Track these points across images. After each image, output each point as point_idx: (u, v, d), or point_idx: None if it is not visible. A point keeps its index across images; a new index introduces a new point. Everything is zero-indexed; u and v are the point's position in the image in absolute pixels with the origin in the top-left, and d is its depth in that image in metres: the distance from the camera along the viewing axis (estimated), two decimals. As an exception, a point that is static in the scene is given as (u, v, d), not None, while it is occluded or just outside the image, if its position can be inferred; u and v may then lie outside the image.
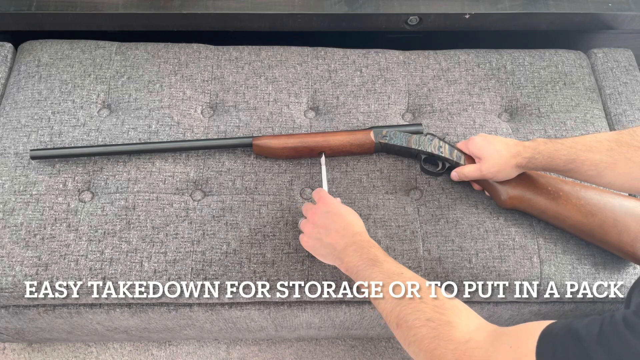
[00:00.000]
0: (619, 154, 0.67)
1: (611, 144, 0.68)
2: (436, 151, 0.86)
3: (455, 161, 0.85)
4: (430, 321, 0.55)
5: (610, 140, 0.69)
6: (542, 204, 0.81)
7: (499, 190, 0.83)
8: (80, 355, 1.21)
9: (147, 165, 0.88)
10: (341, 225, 0.71)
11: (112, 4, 1.00)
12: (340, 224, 0.71)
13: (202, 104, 0.96)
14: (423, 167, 0.88)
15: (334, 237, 0.71)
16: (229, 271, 0.81)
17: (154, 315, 0.89)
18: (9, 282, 0.79)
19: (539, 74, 1.03)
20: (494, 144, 0.79)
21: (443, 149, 0.86)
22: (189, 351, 1.22)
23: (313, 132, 0.93)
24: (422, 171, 0.89)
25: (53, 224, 0.82)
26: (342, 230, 0.71)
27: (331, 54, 1.02)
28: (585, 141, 0.71)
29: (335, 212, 0.73)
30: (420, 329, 0.55)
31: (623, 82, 1.04)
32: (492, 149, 0.79)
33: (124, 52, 1.00)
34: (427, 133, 0.88)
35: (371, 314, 0.95)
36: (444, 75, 1.02)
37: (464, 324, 0.54)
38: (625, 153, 0.67)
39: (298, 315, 0.94)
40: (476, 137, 0.82)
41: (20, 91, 0.94)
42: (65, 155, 0.86)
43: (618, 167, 0.68)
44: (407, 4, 1.04)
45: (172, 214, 0.84)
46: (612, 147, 0.68)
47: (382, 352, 1.25)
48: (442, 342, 0.53)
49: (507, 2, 1.05)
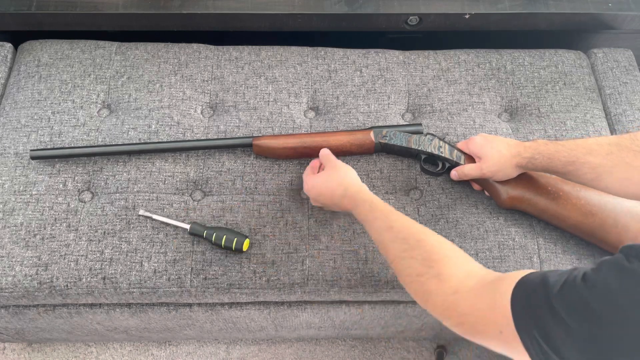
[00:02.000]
0: (618, 158, 0.67)
1: (611, 147, 0.68)
2: (436, 151, 0.86)
3: (455, 161, 0.85)
4: (420, 276, 0.60)
5: (610, 144, 0.69)
6: (542, 203, 0.81)
7: (499, 190, 0.83)
8: (80, 355, 1.21)
9: (147, 165, 0.88)
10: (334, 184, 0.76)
11: (112, 4, 1.00)
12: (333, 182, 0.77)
13: (202, 104, 0.96)
14: (423, 167, 0.88)
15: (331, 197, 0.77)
16: (229, 271, 0.81)
17: (154, 315, 0.90)
18: (9, 282, 0.79)
19: (539, 74, 1.03)
20: (495, 144, 0.79)
21: (443, 149, 0.86)
22: (189, 351, 1.23)
23: (313, 132, 0.93)
24: (422, 171, 0.89)
25: (53, 224, 0.82)
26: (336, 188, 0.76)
27: (331, 54, 1.02)
28: (586, 144, 0.71)
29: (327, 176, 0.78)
30: (412, 285, 0.62)
31: (623, 82, 1.04)
32: (493, 149, 0.79)
33: (124, 52, 1.00)
34: (427, 133, 0.88)
35: (371, 314, 0.95)
36: (444, 75, 1.02)
37: (452, 274, 0.58)
38: (624, 157, 0.66)
39: (298, 315, 0.94)
40: (476, 137, 0.83)
41: (20, 91, 0.94)
42: (65, 156, 0.86)
43: (616, 172, 0.67)
44: (407, 4, 1.04)
45: (172, 214, 0.84)
46: (612, 150, 0.68)
47: (382, 352, 1.25)
48: (432, 296, 0.59)
49: (507, 2, 1.05)
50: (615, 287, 0.40)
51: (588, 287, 0.41)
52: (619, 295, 0.39)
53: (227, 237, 0.79)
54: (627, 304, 0.38)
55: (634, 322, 0.38)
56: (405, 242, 0.65)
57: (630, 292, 0.39)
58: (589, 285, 0.41)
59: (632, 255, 0.41)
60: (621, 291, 0.39)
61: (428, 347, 1.26)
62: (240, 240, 0.80)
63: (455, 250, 0.63)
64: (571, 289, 0.43)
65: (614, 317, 0.39)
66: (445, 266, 0.59)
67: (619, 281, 0.40)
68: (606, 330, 0.39)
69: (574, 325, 0.41)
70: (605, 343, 0.39)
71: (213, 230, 0.80)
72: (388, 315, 0.96)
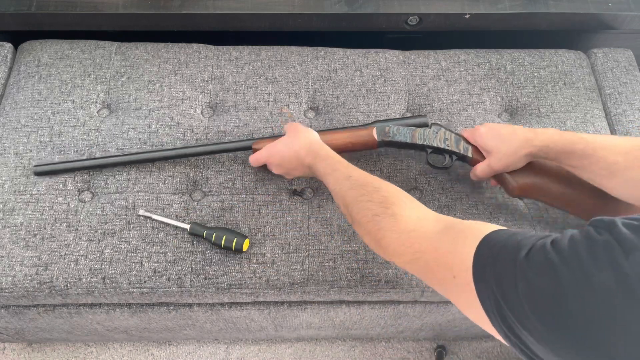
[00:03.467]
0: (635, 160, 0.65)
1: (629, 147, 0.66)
2: (442, 144, 0.82)
3: (463, 153, 0.81)
4: (376, 216, 0.62)
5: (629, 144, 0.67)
6: (556, 190, 0.77)
7: (507, 178, 0.79)
8: (80, 355, 1.21)
9: (147, 165, 0.88)
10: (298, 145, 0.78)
11: (112, 4, 1.00)
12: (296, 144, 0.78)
13: (202, 104, 0.96)
14: (429, 162, 0.85)
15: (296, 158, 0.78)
16: (229, 271, 0.81)
17: (154, 315, 0.90)
18: (9, 282, 0.79)
19: (539, 74, 1.03)
20: (502, 136, 0.76)
21: (449, 141, 0.82)
22: (189, 351, 1.23)
23: None
24: (430, 166, 0.86)
25: (53, 224, 0.82)
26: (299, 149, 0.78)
27: (331, 54, 1.02)
28: (605, 139, 0.69)
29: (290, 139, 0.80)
30: (368, 224, 0.63)
31: (623, 82, 1.04)
32: (499, 141, 0.76)
33: (124, 52, 1.00)
34: (432, 124, 0.84)
35: (371, 314, 0.95)
36: (444, 75, 1.02)
37: (407, 215, 0.60)
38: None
39: (298, 315, 0.94)
40: (481, 128, 0.80)
41: (20, 91, 0.94)
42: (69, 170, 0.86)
43: (629, 173, 0.66)
44: (407, 4, 1.04)
45: (172, 214, 0.84)
46: (629, 150, 0.66)
47: (382, 352, 1.25)
48: (387, 233, 0.60)
49: (507, 2, 1.05)
50: (583, 254, 0.40)
51: (556, 251, 0.42)
52: (585, 261, 0.40)
53: (227, 237, 0.79)
54: (592, 271, 0.39)
55: (598, 288, 0.38)
56: (362, 188, 0.67)
57: (596, 259, 0.39)
58: (557, 249, 0.42)
59: (601, 227, 0.41)
60: (588, 258, 0.40)
61: (428, 347, 1.26)
62: (240, 240, 0.80)
63: (412, 198, 0.65)
64: (539, 251, 0.43)
65: (579, 282, 0.39)
66: (402, 208, 0.62)
67: (587, 249, 0.40)
68: (569, 293, 0.39)
69: (537, 285, 0.41)
70: (565, 306, 0.39)
71: (213, 230, 0.80)
72: (388, 315, 0.96)
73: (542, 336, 0.41)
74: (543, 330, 0.41)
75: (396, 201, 0.63)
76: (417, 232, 0.58)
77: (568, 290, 0.39)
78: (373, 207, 0.63)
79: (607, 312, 0.37)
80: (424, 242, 0.56)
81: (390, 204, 0.62)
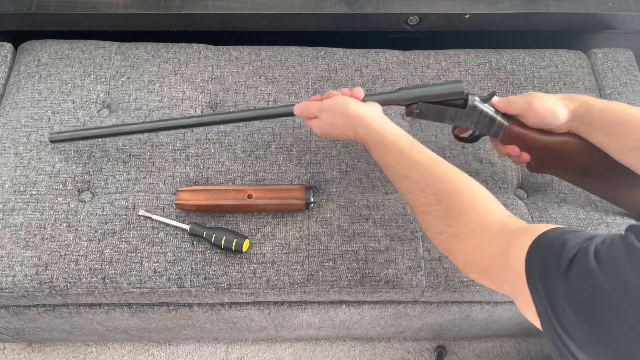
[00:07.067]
0: None
1: None
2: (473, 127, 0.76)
3: (495, 131, 0.75)
4: (440, 234, 0.62)
5: None
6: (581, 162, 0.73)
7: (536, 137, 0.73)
8: (80, 355, 1.21)
9: (147, 165, 0.88)
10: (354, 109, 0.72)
11: (112, 4, 1.00)
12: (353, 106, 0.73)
13: (202, 104, 0.96)
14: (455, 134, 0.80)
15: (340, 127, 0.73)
16: (229, 271, 0.81)
17: (154, 315, 0.90)
18: (9, 282, 0.79)
19: (539, 74, 1.03)
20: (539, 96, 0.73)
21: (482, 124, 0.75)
22: (189, 351, 1.23)
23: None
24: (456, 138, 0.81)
25: (53, 224, 0.82)
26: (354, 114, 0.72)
27: (331, 54, 1.02)
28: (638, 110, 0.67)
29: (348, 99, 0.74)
30: (434, 240, 0.64)
31: (623, 82, 1.04)
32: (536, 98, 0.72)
33: (124, 52, 1.00)
34: (469, 94, 0.74)
35: (371, 314, 0.95)
36: (444, 75, 1.02)
37: (470, 232, 0.59)
38: None
39: (298, 315, 0.94)
40: (517, 97, 0.74)
41: (20, 91, 0.94)
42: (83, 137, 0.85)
43: None
44: (407, 4, 1.04)
45: (172, 214, 0.84)
46: None
47: (382, 352, 1.25)
48: (453, 254, 0.61)
49: (507, 2, 1.05)
50: (624, 266, 0.40)
51: (597, 259, 0.42)
52: (626, 274, 0.39)
53: (226, 237, 0.79)
54: (634, 285, 0.39)
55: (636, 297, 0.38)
56: (422, 195, 0.63)
57: (636, 268, 0.39)
58: (598, 257, 0.42)
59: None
60: (630, 271, 0.39)
61: (428, 347, 1.26)
62: (240, 240, 0.80)
63: (474, 199, 0.60)
64: (581, 258, 0.43)
65: (618, 291, 0.39)
66: (463, 224, 0.59)
67: (629, 262, 0.40)
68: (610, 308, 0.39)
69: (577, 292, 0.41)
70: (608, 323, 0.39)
71: (213, 230, 0.80)
72: (388, 315, 0.96)
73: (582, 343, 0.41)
74: (582, 338, 0.41)
75: (458, 214, 0.60)
76: (480, 251, 0.57)
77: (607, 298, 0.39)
78: (435, 223, 0.62)
79: None
80: (485, 260, 0.56)
81: (452, 219, 0.60)
